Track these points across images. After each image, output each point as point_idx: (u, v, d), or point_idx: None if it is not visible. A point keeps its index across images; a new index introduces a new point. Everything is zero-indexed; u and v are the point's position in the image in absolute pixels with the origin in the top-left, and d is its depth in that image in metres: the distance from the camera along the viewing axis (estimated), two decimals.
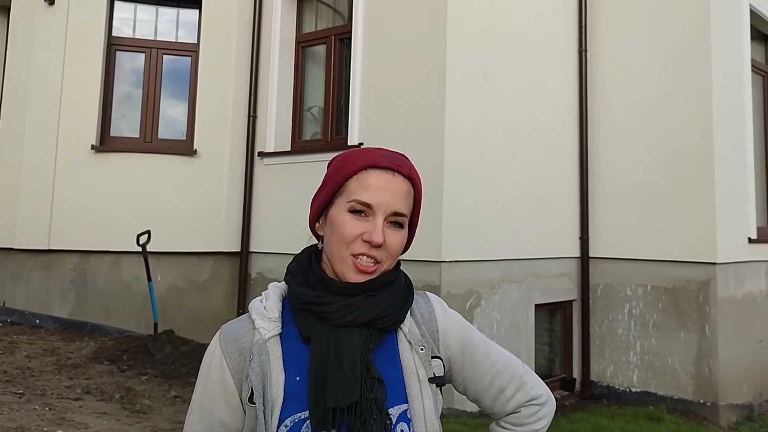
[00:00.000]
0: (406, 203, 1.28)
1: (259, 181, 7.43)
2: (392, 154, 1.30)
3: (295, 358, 1.23)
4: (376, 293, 1.26)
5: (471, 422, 5.24)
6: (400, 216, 1.28)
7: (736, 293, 6.57)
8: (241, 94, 7.59)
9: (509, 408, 1.38)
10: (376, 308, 1.24)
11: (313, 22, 7.69)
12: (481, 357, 1.37)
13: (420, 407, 1.25)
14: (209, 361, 1.29)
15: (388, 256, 1.27)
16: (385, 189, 1.26)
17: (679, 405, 6.32)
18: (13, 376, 5.47)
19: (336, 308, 1.23)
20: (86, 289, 7.32)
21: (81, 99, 7.40)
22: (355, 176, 1.28)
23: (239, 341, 1.26)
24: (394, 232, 1.27)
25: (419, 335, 1.31)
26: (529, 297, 6.51)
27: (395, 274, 1.31)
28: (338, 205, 1.28)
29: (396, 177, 1.28)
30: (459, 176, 5.85)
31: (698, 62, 6.51)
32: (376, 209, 1.25)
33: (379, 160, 1.28)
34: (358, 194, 1.26)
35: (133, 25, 7.86)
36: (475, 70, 6.13)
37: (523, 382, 1.39)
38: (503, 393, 1.37)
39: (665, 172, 6.61)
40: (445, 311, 1.39)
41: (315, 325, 1.23)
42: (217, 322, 7.26)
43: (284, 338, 1.26)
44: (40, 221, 7.25)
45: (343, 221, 1.26)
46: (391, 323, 1.27)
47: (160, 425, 4.67)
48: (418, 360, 1.28)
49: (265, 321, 1.26)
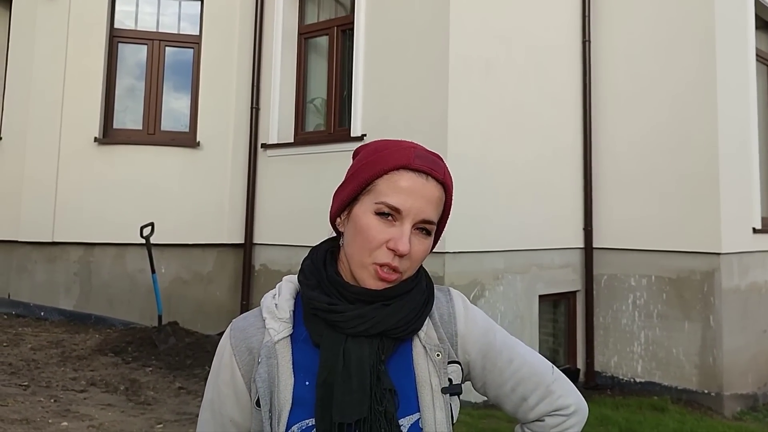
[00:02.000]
0: (436, 210, 1.20)
1: (262, 173, 7.42)
2: (427, 155, 1.21)
3: (305, 362, 1.18)
4: (392, 302, 1.19)
5: (474, 413, 5.24)
6: (429, 224, 1.19)
7: (741, 283, 6.56)
8: (243, 85, 7.57)
9: (532, 416, 1.31)
10: (392, 318, 1.18)
11: (315, 13, 7.67)
12: (504, 363, 1.29)
13: (431, 418, 1.19)
14: (220, 358, 1.24)
15: (410, 265, 1.19)
16: (417, 194, 1.17)
17: (684, 395, 6.32)
18: (18, 368, 5.49)
19: (348, 317, 1.16)
20: (91, 281, 7.33)
21: (84, 91, 7.40)
22: (386, 175, 1.18)
23: (249, 340, 1.21)
24: (421, 240, 1.19)
25: (436, 339, 1.24)
26: (533, 288, 6.51)
27: (415, 281, 1.23)
28: (364, 204, 1.19)
29: (429, 181, 1.19)
30: (462, 167, 5.83)
31: (703, 52, 6.48)
32: (404, 215, 1.16)
33: (413, 162, 1.18)
34: (388, 197, 1.17)
35: (135, 17, 7.84)
36: (478, 61, 6.10)
37: (549, 391, 1.30)
38: (526, 401, 1.30)
39: (669, 163, 6.58)
40: (467, 312, 1.30)
41: (325, 332, 1.17)
42: (221, 314, 7.31)
43: (295, 339, 1.20)
44: (44, 214, 7.26)
45: (369, 225, 1.17)
46: (406, 333, 1.20)
47: (164, 416, 4.68)
48: (432, 368, 1.22)
49: (276, 321, 1.21)
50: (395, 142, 1.24)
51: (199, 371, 5.80)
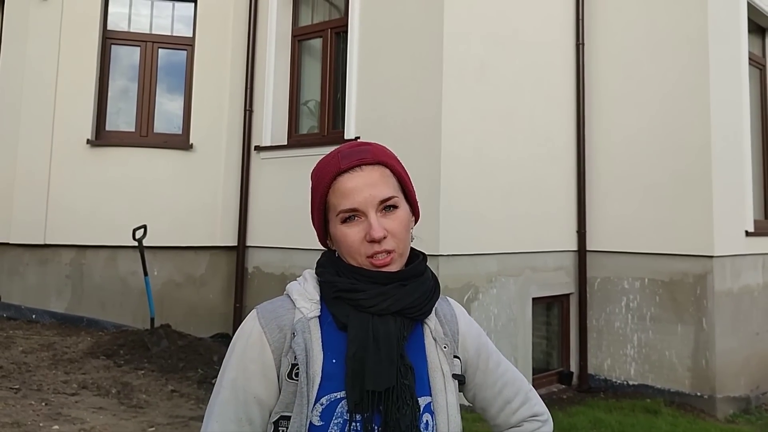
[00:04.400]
0: (387, 186, 1.30)
1: (255, 175, 7.41)
2: (353, 150, 1.31)
3: (331, 342, 1.26)
4: (408, 283, 1.29)
5: (468, 416, 5.23)
6: (390, 199, 1.29)
7: (733, 286, 6.58)
8: (237, 87, 7.55)
9: (513, 421, 1.43)
10: (409, 297, 1.28)
11: (309, 16, 7.66)
12: (494, 365, 1.42)
13: (443, 401, 1.29)
14: (246, 338, 1.28)
15: (396, 241, 1.28)
16: (360, 187, 1.27)
17: (677, 398, 6.34)
18: (9, 371, 5.45)
19: (370, 295, 1.26)
20: (82, 283, 7.30)
21: (76, 93, 7.36)
22: (330, 190, 1.29)
23: (279, 319, 1.28)
24: (392, 215, 1.29)
25: (443, 333, 1.35)
26: (526, 290, 6.51)
27: (423, 266, 1.35)
28: (332, 221, 1.31)
29: (364, 170, 1.29)
30: (456, 169, 5.83)
31: (696, 55, 6.50)
32: (363, 209, 1.26)
33: (341, 164, 1.29)
34: (341, 204, 1.28)
35: (128, 19, 7.82)
36: (472, 63, 6.11)
37: (528, 397, 1.44)
38: (509, 404, 1.42)
39: (662, 165, 6.60)
40: (464, 315, 1.44)
41: (351, 312, 1.26)
42: (213, 317, 7.29)
43: (322, 322, 1.28)
44: (36, 216, 7.22)
45: (344, 234, 1.28)
46: (421, 313, 1.30)
47: (157, 420, 4.66)
48: (443, 356, 1.33)
49: (307, 302, 1.29)
50: (325, 157, 1.35)
51: (192, 374, 5.77)
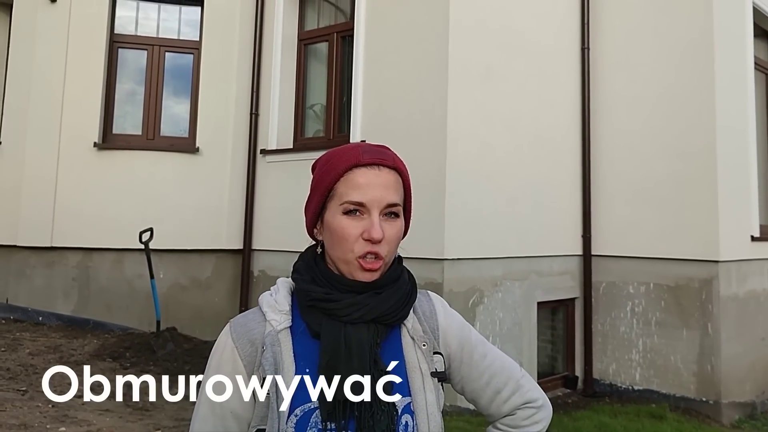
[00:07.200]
0: (397, 193, 1.30)
1: (261, 179, 7.42)
2: (373, 149, 1.32)
3: (304, 352, 1.26)
4: (382, 290, 1.28)
5: (473, 420, 5.23)
6: (394, 206, 1.29)
7: (739, 291, 6.56)
8: (243, 91, 7.58)
9: (505, 410, 1.42)
10: (384, 305, 1.27)
11: (315, 20, 7.69)
12: (479, 357, 1.41)
13: (423, 400, 1.29)
14: (220, 353, 1.29)
15: (388, 249, 1.28)
16: (374, 185, 1.27)
17: (682, 403, 6.32)
18: (16, 374, 5.48)
19: (344, 305, 1.25)
20: (89, 286, 7.32)
21: (83, 96, 7.41)
22: (342, 178, 1.28)
23: (250, 333, 1.28)
24: (392, 223, 1.29)
25: (421, 331, 1.35)
26: (531, 295, 6.51)
27: (399, 271, 1.33)
28: (332, 209, 1.30)
29: (381, 171, 1.29)
30: (461, 174, 5.84)
31: (701, 60, 6.49)
32: (369, 206, 1.26)
33: (362, 158, 1.28)
34: (349, 195, 1.27)
35: (135, 23, 7.85)
36: (477, 68, 6.12)
37: (519, 384, 1.42)
38: (499, 394, 1.41)
39: (668, 170, 6.59)
40: (445, 309, 1.42)
41: (324, 321, 1.26)
42: (219, 320, 7.28)
43: (294, 332, 1.28)
44: (43, 219, 7.25)
45: (341, 225, 1.27)
46: (396, 319, 1.30)
47: (162, 422, 4.67)
48: (421, 355, 1.32)
49: (277, 313, 1.29)
50: (343, 147, 1.34)
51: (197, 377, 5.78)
